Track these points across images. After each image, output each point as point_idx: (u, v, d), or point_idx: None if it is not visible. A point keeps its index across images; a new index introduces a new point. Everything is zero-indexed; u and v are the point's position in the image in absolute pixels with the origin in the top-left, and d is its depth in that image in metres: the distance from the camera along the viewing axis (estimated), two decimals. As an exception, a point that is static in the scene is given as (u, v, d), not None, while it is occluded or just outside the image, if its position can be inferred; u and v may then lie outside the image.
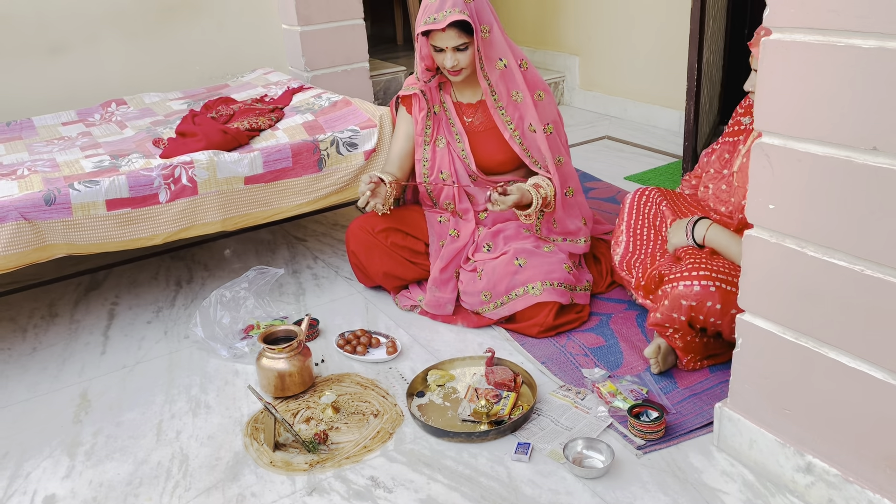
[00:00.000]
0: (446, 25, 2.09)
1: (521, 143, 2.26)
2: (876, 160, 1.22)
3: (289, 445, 1.80)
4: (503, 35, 2.22)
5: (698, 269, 1.82)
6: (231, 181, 2.31)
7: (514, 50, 2.26)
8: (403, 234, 2.38)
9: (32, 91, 3.25)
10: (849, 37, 1.20)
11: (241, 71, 3.60)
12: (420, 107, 2.34)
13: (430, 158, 2.36)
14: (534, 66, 2.31)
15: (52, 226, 2.09)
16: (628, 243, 2.19)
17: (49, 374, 2.17)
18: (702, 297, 1.79)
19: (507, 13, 4.86)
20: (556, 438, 1.76)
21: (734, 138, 2.07)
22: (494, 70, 2.20)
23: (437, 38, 2.14)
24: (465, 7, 2.10)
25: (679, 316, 1.82)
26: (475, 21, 2.12)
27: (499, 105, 2.24)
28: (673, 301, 1.82)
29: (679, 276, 1.83)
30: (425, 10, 2.14)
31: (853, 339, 1.34)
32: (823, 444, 1.46)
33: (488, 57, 2.18)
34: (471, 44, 2.14)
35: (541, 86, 2.28)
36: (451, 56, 2.16)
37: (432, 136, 2.35)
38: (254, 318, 2.27)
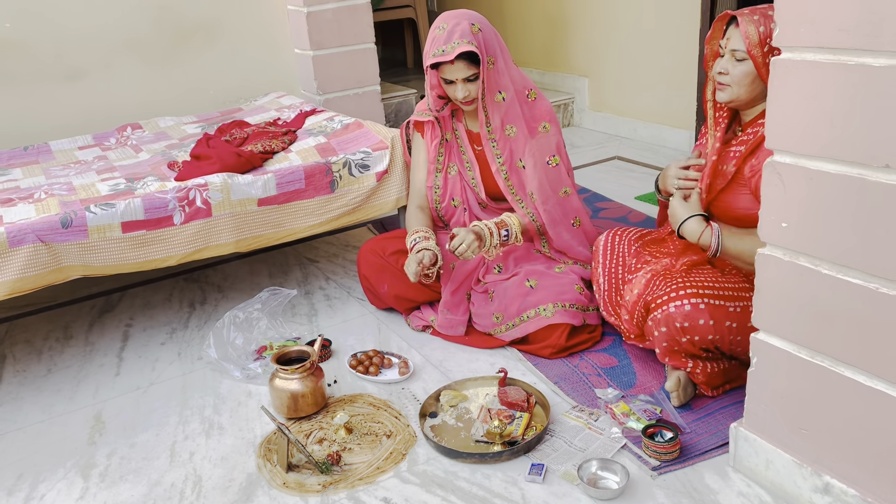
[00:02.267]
0: (455, 57, 2.10)
1: (506, 177, 2.26)
2: (889, 177, 1.22)
3: (302, 466, 1.80)
4: (508, 67, 2.22)
5: (684, 287, 1.81)
6: (245, 203, 2.33)
7: (521, 81, 2.26)
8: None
9: (49, 116, 3.30)
10: (859, 55, 1.21)
11: (254, 95, 3.64)
12: (433, 134, 2.36)
13: (442, 186, 2.38)
14: (544, 97, 2.31)
15: (68, 248, 2.11)
16: (605, 282, 2.14)
17: (64, 396, 2.18)
18: (693, 315, 1.77)
19: (517, 36, 4.91)
20: (569, 459, 1.74)
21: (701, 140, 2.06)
22: (493, 102, 2.20)
23: (446, 70, 2.15)
24: (472, 38, 2.11)
25: (680, 338, 1.80)
26: (482, 51, 2.13)
27: (491, 137, 2.24)
28: (668, 324, 1.80)
29: (667, 299, 1.81)
30: (433, 42, 2.15)
31: (869, 358, 1.33)
32: (841, 464, 1.44)
33: (490, 89, 2.19)
34: (480, 74, 2.15)
35: (547, 117, 2.28)
36: (462, 87, 2.17)
37: (444, 164, 2.37)
38: (267, 339, 2.28)
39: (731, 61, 1.80)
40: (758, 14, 1.76)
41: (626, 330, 2.05)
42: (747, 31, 1.74)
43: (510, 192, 2.27)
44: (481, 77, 2.15)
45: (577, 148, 4.10)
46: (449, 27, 2.12)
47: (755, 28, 1.74)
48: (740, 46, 1.77)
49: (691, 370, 1.86)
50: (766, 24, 1.74)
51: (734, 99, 1.83)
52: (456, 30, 2.11)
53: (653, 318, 1.85)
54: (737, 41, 1.78)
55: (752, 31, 1.74)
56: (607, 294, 2.14)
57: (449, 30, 2.12)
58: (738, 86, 1.80)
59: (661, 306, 1.82)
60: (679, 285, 1.82)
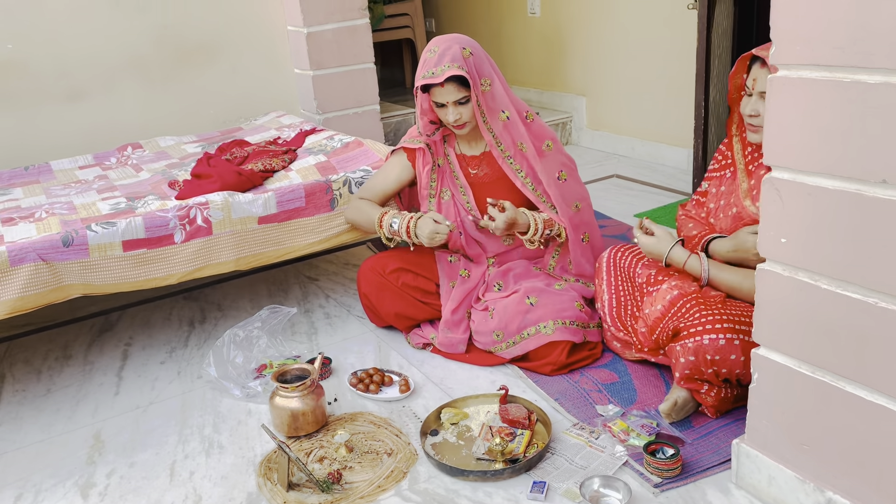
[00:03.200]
0: (445, 80, 2.11)
1: (534, 189, 2.27)
2: (886, 193, 1.23)
3: (302, 485, 1.79)
4: (505, 88, 2.23)
5: (721, 320, 1.78)
6: (245, 221, 2.34)
7: (518, 103, 2.28)
8: (414, 275, 2.39)
9: (50, 136, 3.32)
10: (854, 73, 1.23)
11: (254, 114, 3.66)
12: (425, 161, 2.34)
13: (436, 211, 2.39)
14: (540, 119, 2.33)
15: (69, 267, 2.12)
16: (612, 299, 2.15)
17: (63, 416, 2.17)
18: (726, 350, 1.75)
19: (514, 56, 4.95)
20: (571, 477, 1.74)
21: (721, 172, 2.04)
22: (497, 122, 2.21)
23: (436, 93, 2.16)
24: (463, 62, 2.12)
25: (706, 369, 1.79)
26: (473, 75, 2.13)
27: (506, 155, 2.24)
28: (697, 355, 1.78)
29: (702, 330, 1.78)
30: (424, 64, 2.16)
31: (870, 372, 1.33)
32: (843, 480, 1.44)
33: (490, 109, 2.19)
34: (471, 97, 2.16)
35: (548, 136, 2.30)
36: (452, 110, 2.17)
37: (437, 189, 2.36)
38: (267, 358, 2.28)
39: (761, 103, 1.77)
40: None
41: (637, 342, 2.04)
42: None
43: (541, 200, 2.28)
44: (475, 100, 2.15)
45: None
46: (440, 50, 2.13)
47: None
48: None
49: (705, 393, 1.85)
50: None
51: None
52: (447, 53, 2.11)
53: (682, 344, 1.82)
54: (765, 82, 1.68)
55: None
56: (615, 310, 2.14)
57: (440, 53, 2.13)
58: None
59: (693, 336, 1.79)
60: (717, 318, 1.79)
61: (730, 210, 1.95)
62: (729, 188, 1.98)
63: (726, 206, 1.97)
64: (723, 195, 2.00)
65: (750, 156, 1.93)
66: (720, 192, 2.01)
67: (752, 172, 1.91)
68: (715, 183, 2.04)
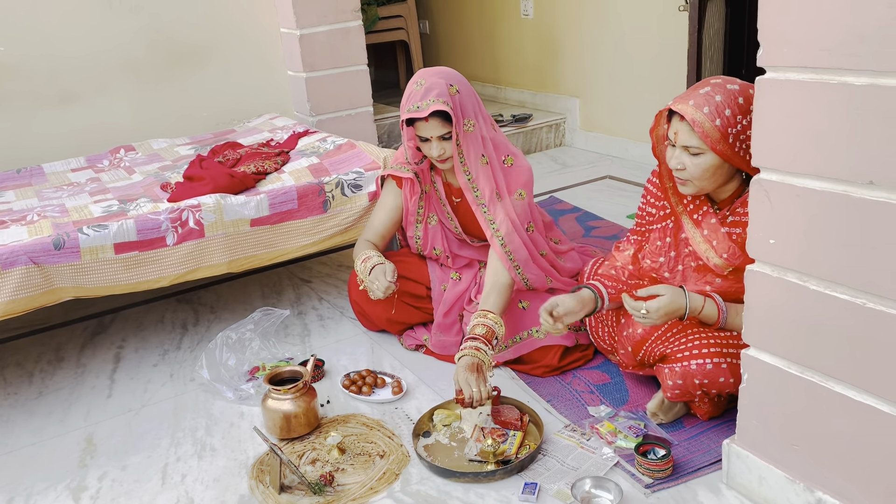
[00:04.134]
0: (429, 115, 2.07)
1: (503, 244, 2.16)
2: (873, 194, 1.24)
3: (294, 487, 1.79)
4: (490, 130, 2.19)
5: (708, 345, 1.75)
6: (237, 223, 2.34)
7: (500, 145, 2.23)
8: (404, 280, 2.40)
9: (43, 139, 3.31)
10: (841, 74, 1.23)
11: (247, 116, 3.66)
12: (413, 191, 2.32)
13: (423, 236, 2.38)
14: (522, 163, 2.24)
15: (60, 269, 2.11)
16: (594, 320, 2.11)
17: (55, 419, 2.17)
18: (714, 374, 1.73)
19: (508, 58, 4.96)
20: (562, 478, 1.74)
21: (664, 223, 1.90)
22: (476, 165, 2.16)
23: (420, 127, 2.11)
24: (449, 98, 2.07)
25: (694, 391, 1.78)
26: (457, 112, 2.09)
27: (481, 202, 2.17)
28: (685, 379, 1.76)
29: (689, 355, 1.76)
30: (409, 97, 2.11)
31: (859, 373, 1.34)
32: (833, 480, 1.45)
33: (469, 151, 2.14)
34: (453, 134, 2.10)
35: (521, 184, 2.22)
36: (437, 145, 2.13)
37: (424, 216, 2.36)
38: (259, 360, 2.28)
39: (685, 155, 1.69)
40: (705, 105, 1.63)
41: (622, 362, 2.01)
42: (703, 129, 1.62)
43: (509, 257, 2.19)
44: (456, 139, 2.11)
45: (568, 167, 4.13)
46: (427, 84, 2.09)
47: (710, 122, 1.62)
48: (693, 142, 1.66)
49: (697, 402, 1.85)
50: (719, 113, 1.62)
51: (700, 190, 1.74)
52: (434, 88, 2.07)
53: (670, 367, 1.79)
54: (686, 136, 1.66)
55: (707, 126, 1.62)
56: (592, 328, 2.12)
57: (426, 87, 2.08)
58: (700, 179, 1.70)
59: (681, 361, 1.77)
60: (703, 342, 1.76)
61: (690, 261, 1.84)
62: (675, 239, 1.86)
63: (681, 257, 1.85)
64: (670, 247, 1.87)
65: (691, 205, 1.82)
66: (665, 243, 1.88)
67: (700, 221, 1.80)
68: (658, 234, 1.90)
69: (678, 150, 1.71)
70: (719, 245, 1.76)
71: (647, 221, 1.96)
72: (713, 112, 1.63)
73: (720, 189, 1.78)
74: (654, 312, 1.75)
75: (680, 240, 1.86)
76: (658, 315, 1.76)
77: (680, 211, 1.84)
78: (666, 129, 1.76)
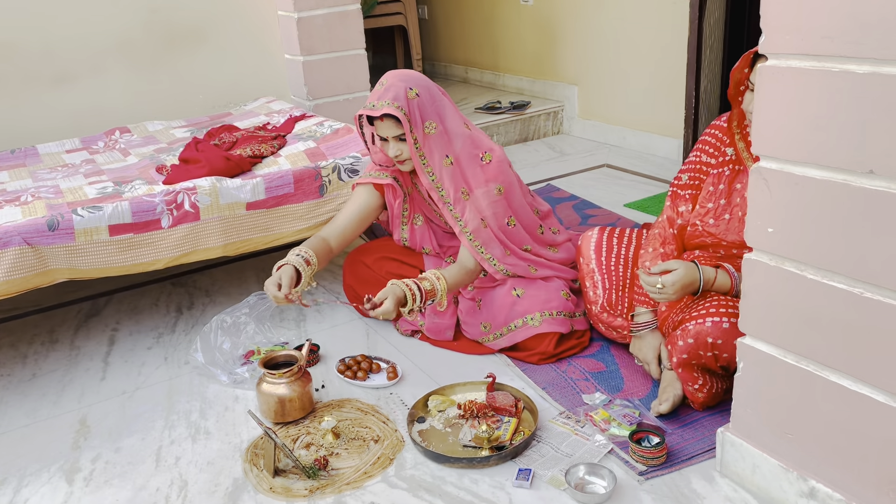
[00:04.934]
0: (382, 115, 2.08)
1: (471, 238, 2.17)
2: (872, 183, 1.23)
3: (289, 471, 1.79)
4: (462, 129, 2.17)
5: (726, 307, 1.76)
6: (233, 207, 2.32)
7: (474, 143, 2.20)
8: (398, 263, 2.40)
9: (37, 119, 3.28)
10: (843, 62, 1.23)
11: (244, 100, 3.64)
12: (395, 195, 2.31)
13: (410, 237, 2.38)
14: (502, 158, 2.22)
15: (54, 251, 2.10)
16: (604, 280, 2.11)
17: (49, 400, 2.16)
18: (730, 334, 1.71)
19: (507, 44, 4.93)
20: (556, 465, 1.74)
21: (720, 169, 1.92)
22: (440, 167, 2.15)
23: (378, 126, 2.13)
24: (405, 102, 2.07)
25: (705, 353, 1.77)
26: (414, 116, 2.08)
27: (447, 202, 2.17)
28: (698, 338, 1.76)
29: (705, 313, 1.76)
30: (371, 95, 2.13)
31: (854, 362, 1.34)
32: (826, 469, 1.45)
33: (431, 153, 2.13)
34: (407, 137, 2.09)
35: (500, 180, 2.21)
36: (393, 146, 2.13)
37: (409, 217, 2.36)
38: (254, 344, 2.27)
39: None
40: None
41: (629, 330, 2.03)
42: None
43: (479, 251, 2.20)
44: (412, 142, 2.09)
45: (566, 156, 4.12)
46: (387, 84, 2.10)
47: None
48: None
49: (698, 388, 1.83)
50: None
51: None
52: (391, 89, 2.08)
53: (683, 328, 1.79)
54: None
55: None
56: (609, 292, 2.10)
57: (385, 87, 2.10)
58: None
59: (696, 319, 1.77)
60: (721, 304, 1.77)
61: (738, 211, 1.86)
62: (729, 187, 1.89)
63: (731, 206, 1.88)
64: (722, 194, 1.90)
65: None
66: (718, 190, 1.90)
67: None
68: (712, 179, 1.91)
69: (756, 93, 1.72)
70: None
71: (702, 171, 1.95)
72: None
73: None
74: (669, 287, 1.79)
75: (734, 189, 1.87)
76: (674, 289, 1.79)
77: (745, 157, 1.84)
78: (747, 73, 1.76)
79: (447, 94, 2.24)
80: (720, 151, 1.92)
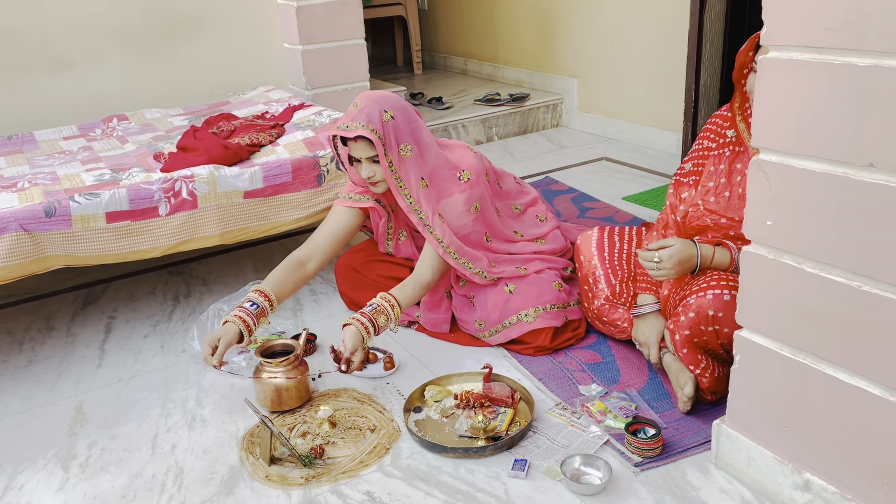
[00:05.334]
0: (356, 136, 2.05)
1: (456, 258, 2.17)
2: (872, 177, 1.23)
3: (285, 460, 1.79)
4: (430, 151, 2.15)
5: (727, 279, 1.75)
6: (231, 195, 2.32)
7: (451, 164, 2.19)
8: (388, 264, 2.40)
9: (34, 106, 3.27)
10: (845, 55, 1.22)
11: (242, 88, 3.62)
12: (379, 215, 2.31)
13: (395, 251, 2.39)
14: (478, 179, 2.21)
15: (51, 237, 2.09)
16: (608, 276, 2.11)
17: (44, 387, 2.16)
18: (730, 307, 1.68)
19: (506, 36, 4.92)
20: (552, 455, 1.75)
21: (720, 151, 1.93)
22: (417, 189, 2.13)
23: (351, 147, 2.10)
24: (379, 125, 2.04)
25: (706, 327, 1.75)
26: (388, 139, 2.06)
27: (426, 224, 2.15)
28: (699, 311, 1.74)
29: (705, 286, 1.76)
30: (345, 116, 2.10)
31: (851, 355, 1.34)
32: (821, 462, 1.46)
33: (407, 175, 2.11)
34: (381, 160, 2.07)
35: (476, 198, 2.20)
36: (366, 167, 2.11)
37: (394, 233, 2.35)
38: (251, 333, 2.27)
39: None
40: None
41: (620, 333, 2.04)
42: None
43: (467, 268, 2.19)
44: (386, 164, 2.07)
45: (565, 148, 4.11)
46: (361, 105, 2.07)
47: None
48: None
49: (701, 372, 1.83)
50: None
51: None
52: (365, 111, 2.05)
53: (684, 303, 1.78)
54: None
55: None
56: (614, 286, 2.09)
57: (360, 108, 2.06)
58: None
59: (696, 293, 1.76)
60: (720, 277, 1.76)
61: (738, 189, 1.86)
62: (730, 167, 1.89)
63: (731, 185, 1.88)
64: (722, 173, 1.91)
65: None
66: (719, 170, 1.92)
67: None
68: (713, 161, 1.93)
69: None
70: None
71: (704, 157, 1.96)
72: None
73: None
74: (666, 261, 1.80)
75: (734, 169, 1.88)
76: (671, 263, 1.80)
77: (746, 138, 1.84)
78: (752, 56, 1.76)
79: (420, 114, 2.20)
80: (720, 135, 1.95)
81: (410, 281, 2.13)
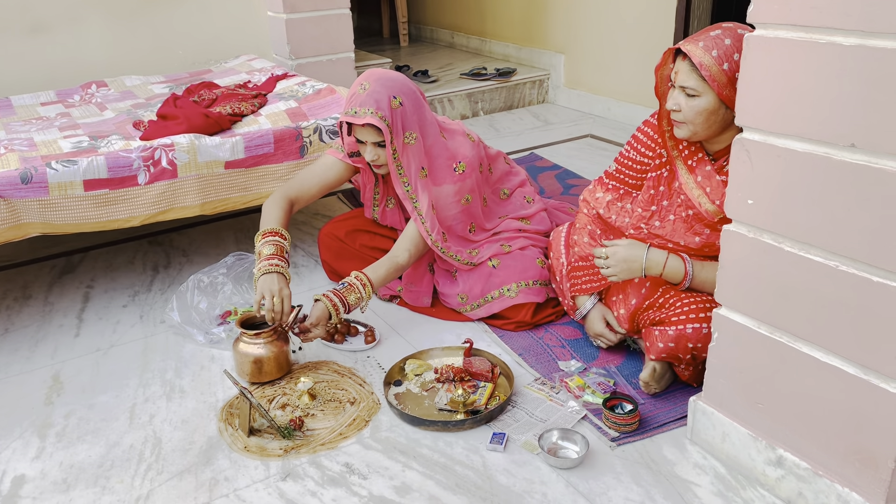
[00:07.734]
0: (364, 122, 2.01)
1: (439, 247, 2.16)
2: (854, 157, 1.24)
3: (264, 431, 1.79)
4: (433, 140, 2.13)
5: (704, 308, 1.75)
6: (211, 165, 2.29)
7: (449, 152, 2.17)
8: (371, 235, 2.38)
9: (11, 70, 3.20)
10: (830, 34, 1.22)
11: (224, 57, 3.57)
12: (368, 178, 2.29)
13: (381, 217, 2.37)
14: (472, 171, 2.19)
15: (27, 204, 2.06)
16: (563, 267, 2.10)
17: (21, 356, 2.14)
18: (708, 338, 1.67)
19: (494, 10, 4.87)
20: (530, 430, 1.76)
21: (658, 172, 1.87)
22: (416, 178, 2.11)
23: (357, 130, 2.07)
24: (388, 113, 2.01)
25: (684, 355, 1.78)
26: (396, 127, 2.03)
27: (420, 214, 2.13)
28: (678, 342, 1.76)
29: (685, 319, 1.76)
30: (351, 99, 2.04)
31: (827, 335, 1.36)
32: (794, 438, 1.48)
33: (409, 164, 2.09)
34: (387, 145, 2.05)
35: (468, 190, 2.20)
36: (371, 150, 2.07)
37: (381, 200, 2.33)
38: (231, 304, 2.26)
39: (682, 96, 1.67)
40: (714, 48, 1.60)
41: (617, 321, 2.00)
42: (710, 72, 1.60)
43: (454, 259, 2.21)
44: (391, 151, 2.05)
45: (550, 125, 4.10)
46: (369, 89, 2.02)
47: (717, 66, 1.59)
48: (690, 83, 1.64)
49: (683, 368, 1.84)
50: (727, 57, 1.59)
51: (693, 135, 1.71)
52: (373, 96, 2.00)
53: (661, 330, 1.79)
54: (685, 77, 1.64)
55: (715, 70, 1.59)
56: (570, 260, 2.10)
57: (368, 92, 2.01)
58: (692, 123, 1.68)
59: (676, 324, 1.77)
60: (699, 306, 1.76)
61: (681, 211, 1.82)
62: (669, 188, 1.85)
63: (673, 207, 1.83)
64: (664, 195, 1.86)
65: (686, 150, 1.80)
66: (659, 192, 1.86)
67: (695, 168, 1.78)
68: (652, 182, 1.87)
69: (676, 90, 1.69)
70: (713, 192, 1.75)
71: (636, 170, 1.92)
72: (721, 56, 1.60)
73: (716, 140, 1.75)
74: (612, 258, 1.82)
75: (674, 189, 1.84)
76: (616, 260, 1.82)
77: (675, 155, 1.82)
78: (671, 69, 1.72)
79: (424, 95, 2.17)
80: (655, 153, 1.88)
81: (385, 261, 2.12)
